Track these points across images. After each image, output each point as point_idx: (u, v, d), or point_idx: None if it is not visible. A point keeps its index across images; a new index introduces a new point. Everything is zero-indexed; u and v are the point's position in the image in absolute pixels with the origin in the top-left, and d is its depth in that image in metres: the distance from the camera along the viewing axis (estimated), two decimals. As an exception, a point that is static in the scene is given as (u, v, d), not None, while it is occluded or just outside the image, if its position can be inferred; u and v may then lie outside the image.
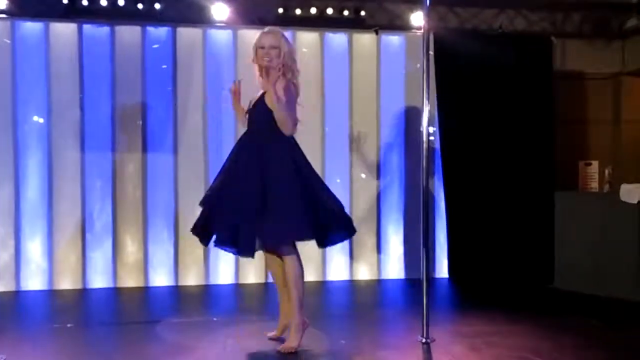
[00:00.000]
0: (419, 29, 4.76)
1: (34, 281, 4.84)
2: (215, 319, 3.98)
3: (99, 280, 4.92)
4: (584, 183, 5.15)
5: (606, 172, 5.02)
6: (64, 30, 4.90)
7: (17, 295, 4.70)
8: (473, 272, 5.18)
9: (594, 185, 5.09)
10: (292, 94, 3.13)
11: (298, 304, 3.15)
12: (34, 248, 4.86)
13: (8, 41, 4.82)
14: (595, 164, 5.13)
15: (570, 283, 4.89)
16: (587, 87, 5.78)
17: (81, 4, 4.85)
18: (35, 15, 4.87)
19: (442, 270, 5.36)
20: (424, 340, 3.38)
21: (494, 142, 5.19)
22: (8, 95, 4.81)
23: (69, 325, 3.79)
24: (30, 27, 4.88)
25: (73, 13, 4.88)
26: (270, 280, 4.95)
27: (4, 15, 4.80)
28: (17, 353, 3.21)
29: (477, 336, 3.51)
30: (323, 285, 5.08)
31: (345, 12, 5.22)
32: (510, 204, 5.18)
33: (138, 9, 4.92)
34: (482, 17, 5.60)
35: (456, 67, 5.15)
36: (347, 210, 3.40)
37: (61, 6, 4.88)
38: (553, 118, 5.30)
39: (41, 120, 4.87)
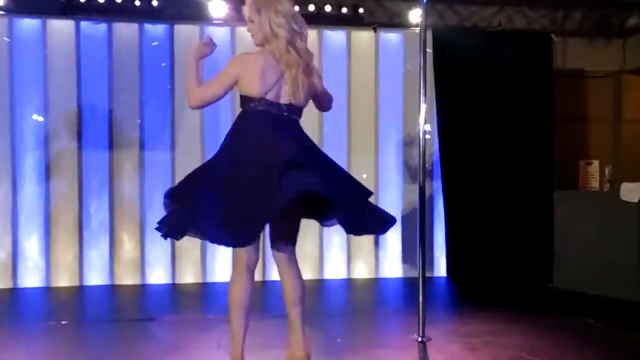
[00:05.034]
0: (418, 26, 4.73)
1: (30, 278, 4.83)
2: (210, 317, 3.96)
3: (95, 277, 4.91)
4: (584, 182, 5.12)
5: (607, 171, 5.00)
6: (61, 27, 4.88)
7: (14, 293, 4.69)
8: (472, 271, 5.14)
9: (595, 184, 5.06)
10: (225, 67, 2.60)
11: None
12: (31, 245, 4.85)
13: (7, 39, 4.80)
14: (595, 163, 5.10)
15: (569, 282, 4.85)
16: (587, 86, 5.75)
17: (78, 0, 4.83)
18: (32, 12, 4.85)
19: (441, 269, 5.33)
20: (420, 339, 3.36)
21: (493, 140, 5.16)
22: (6, 93, 4.79)
23: (63, 322, 3.78)
24: (28, 24, 4.86)
25: (70, 10, 4.87)
26: (269, 278, 4.97)
27: (1, 12, 4.78)
28: (10, 351, 3.19)
29: (474, 335, 3.49)
30: (320, 284, 5.06)
31: (344, 10, 5.19)
32: (510, 202, 5.15)
33: (135, 5, 4.90)
34: (481, 14, 5.57)
35: (455, 65, 5.11)
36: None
37: (58, 3, 4.86)
38: (553, 116, 5.26)
39: (40, 119, 4.85)
